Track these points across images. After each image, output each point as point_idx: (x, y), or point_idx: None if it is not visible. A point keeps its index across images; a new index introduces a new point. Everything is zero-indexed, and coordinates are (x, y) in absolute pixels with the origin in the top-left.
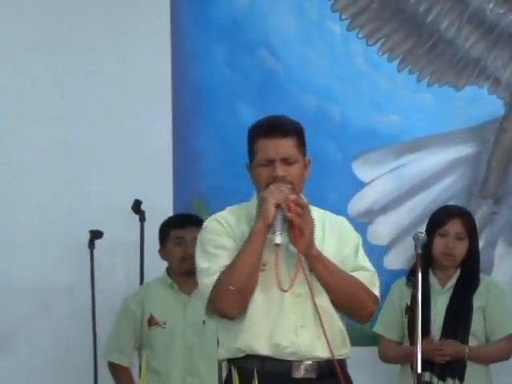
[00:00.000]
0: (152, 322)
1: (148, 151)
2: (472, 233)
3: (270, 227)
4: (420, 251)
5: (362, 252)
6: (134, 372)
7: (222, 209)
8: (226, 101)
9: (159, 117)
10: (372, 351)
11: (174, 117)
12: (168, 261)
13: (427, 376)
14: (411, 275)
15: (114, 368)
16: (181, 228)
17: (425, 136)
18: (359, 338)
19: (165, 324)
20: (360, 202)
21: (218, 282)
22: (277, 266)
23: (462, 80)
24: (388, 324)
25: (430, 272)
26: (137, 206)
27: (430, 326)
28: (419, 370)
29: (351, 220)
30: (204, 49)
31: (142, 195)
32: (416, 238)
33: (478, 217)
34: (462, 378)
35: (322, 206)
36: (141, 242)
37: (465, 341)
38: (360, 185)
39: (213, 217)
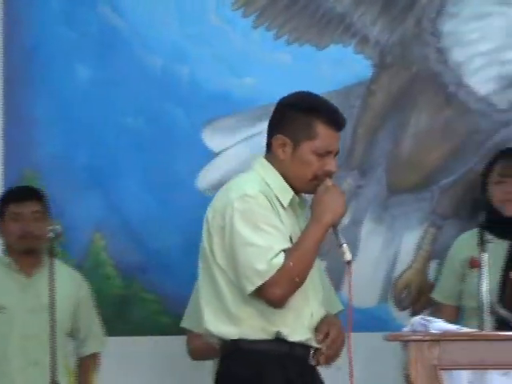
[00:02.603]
0: None
1: None
2: None
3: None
4: None
5: None
6: None
7: (59, 180)
8: (62, 60)
9: None
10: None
11: (4, 78)
12: (5, 239)
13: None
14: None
15: None
16: (18, 203)
17: None
18: None
19: (4, 309)
20: (210, 174)
21: (286, 268)
22: (350, 285)
23: (325, 38)
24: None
25: None
26: None
27: None
28: None
29: (201, 194)
30: (38, 2)
31: None
32: None
33: None
34: None
35: (169, 178)
36: None
37: None
38: (210, 155)
39: (253, 189)
